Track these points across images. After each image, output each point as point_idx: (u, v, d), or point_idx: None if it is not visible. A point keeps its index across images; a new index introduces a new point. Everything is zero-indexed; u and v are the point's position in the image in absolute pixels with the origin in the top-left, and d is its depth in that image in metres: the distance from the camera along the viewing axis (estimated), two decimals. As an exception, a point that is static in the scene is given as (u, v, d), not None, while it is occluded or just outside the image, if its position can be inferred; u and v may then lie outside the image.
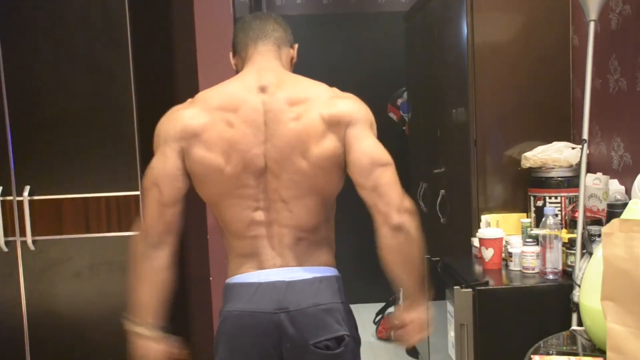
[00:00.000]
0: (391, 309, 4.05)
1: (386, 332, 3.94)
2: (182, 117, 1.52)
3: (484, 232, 2.32)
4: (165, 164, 1.50)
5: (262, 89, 1.51)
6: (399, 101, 4.06)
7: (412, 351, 3.62)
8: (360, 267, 4.05)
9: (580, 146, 2.10)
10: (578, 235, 1.99)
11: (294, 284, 1.50)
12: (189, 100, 1.58)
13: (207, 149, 1.48)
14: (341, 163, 1.50)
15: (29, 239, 2.47)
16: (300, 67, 1.62)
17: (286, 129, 1.47)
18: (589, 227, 1.98)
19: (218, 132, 1.48)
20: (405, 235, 1.45)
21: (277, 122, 1.48)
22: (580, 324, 1.87)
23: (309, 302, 1.49)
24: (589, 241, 1.92)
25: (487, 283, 2.06)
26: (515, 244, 2.23)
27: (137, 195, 2.50)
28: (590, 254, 1.85)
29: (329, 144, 1.47)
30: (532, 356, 1.59)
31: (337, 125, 1.47)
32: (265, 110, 1.49)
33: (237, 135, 1.48)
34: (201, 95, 1.58)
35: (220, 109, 1.50)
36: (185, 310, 3.02)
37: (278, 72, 1.57)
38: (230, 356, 1.53)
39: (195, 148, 1.48)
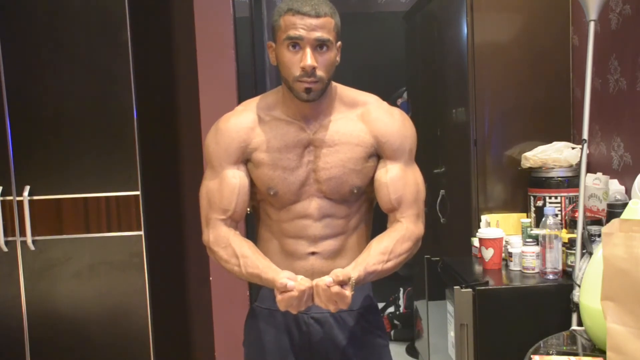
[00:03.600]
0: (391, 309, 4.05)
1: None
2: None
3: (484, 232, 2.32)
4: None
5: None
6: (399, 101, 4.06)
7: (412, 351, 3.63)
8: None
9: (580, 146, 2.10)
10: (578, 235, 1.99)
11: None
12: None
13: None
14: None
15: (29, 239, 2.47)
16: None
17: None
18: (589, 227, 1.98)
19: None
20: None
21: None
22: (580, 324, 1.87)
23: None
24: (589, 241, 1.92)
25: (487, 283, 2.06)
26: (515, 244, 2.23)
27: (137, 195, 2.50)
28: (590, 254, 1.85)
29: None
30: (532, 356, 1.59)
31: None
32: None
33: None
34: None
35: None
36: (185, 310, 3.02)
37: None
38: None
39: None
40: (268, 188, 1.52)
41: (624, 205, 1.70)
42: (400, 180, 1.52)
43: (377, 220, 1.64)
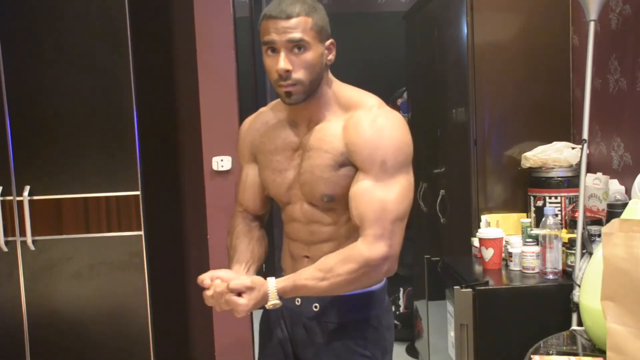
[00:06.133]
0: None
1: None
2: None
3: (484, 232, 2.32)
4: None
5: None
6: (399, 101, 4.06)
7: (412, 351, 3.63)
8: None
9: (580, 146, 2.10)
10: (578, 235, 1.99)
11: None
12: None
13: None
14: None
15: (29, 239, 2.47)
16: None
17: None
18: (589, 227, 1.98)
19: None
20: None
21: None
22: (580, 324, 1.87)
23: None
24: (589, 241, 1.92)
25: (487, 283, 2.06)
26: (515, 244, 2.23)
27: (137, 195, 2.50)
28: (590, 254, 1.85)
29: None
30: (532, 356, 1.59)
31: None
32: None
33: None
34: None
35: None
36: (185, 310, 3.02)
37: None
38: None
39: None
40: (264, 188, 1.61)
41: (624, 205, 1.70)
42: (364, 195, 1.40)
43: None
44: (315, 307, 1.54)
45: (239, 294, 1.37)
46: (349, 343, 1.54)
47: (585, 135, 2.08)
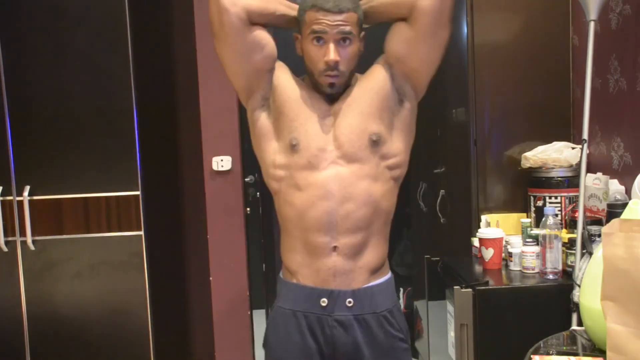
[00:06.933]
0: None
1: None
2: None
3: (484, 232, 2.32)
4: None
5: None
6: (399, 101, 4.05)
7: (412, 351, 3.62)
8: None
9: (580, 146, 2.10)
10: (578, 235, 1.99)
11: None
12: None
13: None
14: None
15: (29, 239, 2.47)
16: (301, 66, 1.61)
17: None
18: (589, 227, 1.98)
19: None
20: None
21: None
22: (580, 324, 1.86)
23: None
24: (589, 241, 1.92)
25: (487, 283, 2.06)
26: (515, 244, 2.23)
27: (137, 195, 2.50)
28: (590, 254, 1.85)
29: None
30: (532, 356, 1.58)
31: None
32: None
33: None
34: None
35: None
36: (185, 310, 3.02)
37: None
38: None
39: None
40: (291, 137, 1.51)
41: (624, 205, 1.70)
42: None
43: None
44: (349, 302, 1.52)
45: None
46: (390, 331, 1.58)
47: (585, 135, 2.08)
